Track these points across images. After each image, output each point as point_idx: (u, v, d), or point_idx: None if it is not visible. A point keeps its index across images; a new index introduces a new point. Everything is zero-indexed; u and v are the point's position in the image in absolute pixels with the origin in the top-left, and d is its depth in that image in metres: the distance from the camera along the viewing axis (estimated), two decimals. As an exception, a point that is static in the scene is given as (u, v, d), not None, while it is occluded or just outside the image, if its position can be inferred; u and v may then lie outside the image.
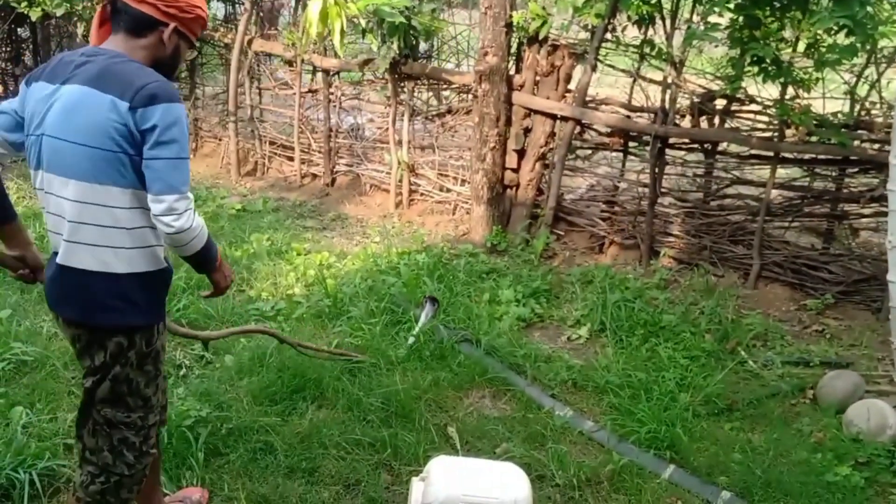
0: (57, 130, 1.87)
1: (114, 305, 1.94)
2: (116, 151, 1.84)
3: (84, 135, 1.84)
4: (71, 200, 1.88)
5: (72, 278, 1.93)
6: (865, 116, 4.68)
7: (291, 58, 6.67)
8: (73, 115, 1.85)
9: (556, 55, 5.48)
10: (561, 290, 4.88)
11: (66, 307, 1.99)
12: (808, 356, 4.12)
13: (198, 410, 2.98)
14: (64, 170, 1.87)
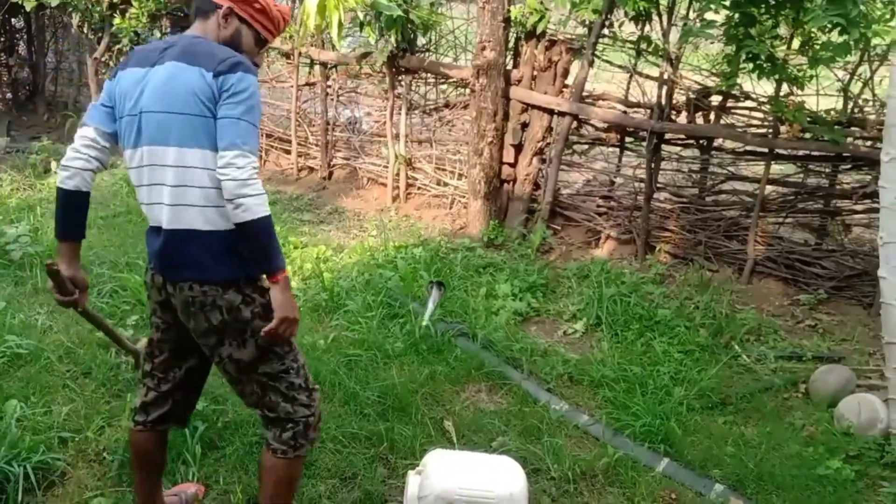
0: (155, 104, 2.01)
1: (225, 260, 2.03)
2: (207, 116, 1.98)
3: (179, 104, 1.98)
4: (172, 167, 1.99)
5: (180, 239, 2.02)
6: (858, 114, 4.72)
7: (289, 50, 6.67)
8: (167, 88, 2.00)
9: (554, 50, 5.50)
10: (557, 285, 4.91)
11: (180, 269, 2.05)
12: (800, 351, 4.17)
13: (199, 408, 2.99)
14: (164, 138, 1.99)
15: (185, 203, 2.00)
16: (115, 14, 6.27)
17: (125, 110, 2.07)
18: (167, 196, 2.01)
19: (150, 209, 2.09)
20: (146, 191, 2.06)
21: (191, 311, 2.08)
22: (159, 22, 7.09)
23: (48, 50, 8.32)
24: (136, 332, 3.77)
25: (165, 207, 2.02)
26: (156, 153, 2.01)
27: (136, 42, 6.51)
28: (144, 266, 2.28)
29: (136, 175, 2.09)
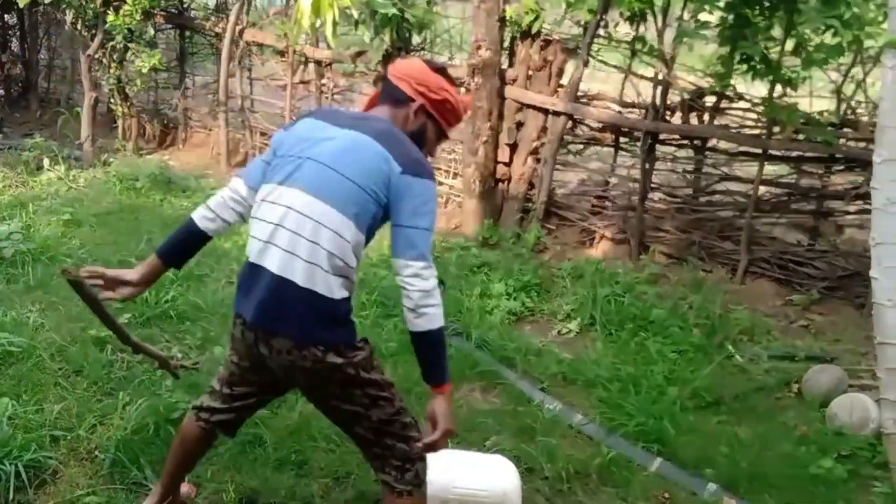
0: (330, 160, 2.00)
1: (329, 326, 1.98)
2: (371, 197, 1.98)
3: (356, 173, 1.98)
4: (316, 221, 1.96)
5: (292, 292, 1.95)
6: (851, 115, 4.74)
7: (283, 48, 6.65)
8: (351, 153, 2.00)
9: (549, 50, 5.50)
10: (552, 284, 4.91)
11: (281, 323, 1.97)
12: (793, 351, 4.19)
13: (186, 403, 2.98)
14: (323, 193, 1.97)
15: (313, 262, 1.94)
16: (109, 11, 6.23)
17: (290, 151, 2.06)
18: (298, 247, 1.95)
19: (258, 244, 2.02)
20: (270, 229, 2.00)
21: (290, 373, 2.04)
22: (153, 19, 7.06)
23: (41, 47, 8.28)
24: (128, 329, 3.72)
25: (287, 255, 1.96)
26: (306, 201, 1.97)
27: (130, 39, 6.49)
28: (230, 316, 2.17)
29: (266, 209, 2.03)
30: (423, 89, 2.13)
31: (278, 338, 1.98)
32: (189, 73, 7.61)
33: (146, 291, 2.41)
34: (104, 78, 6.81)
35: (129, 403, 3.18)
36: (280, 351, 1.99)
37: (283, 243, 1.98)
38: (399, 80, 2.15)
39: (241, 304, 2.08)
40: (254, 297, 2.00)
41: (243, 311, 2.05)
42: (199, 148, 7.43)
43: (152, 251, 2.27)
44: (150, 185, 6.01)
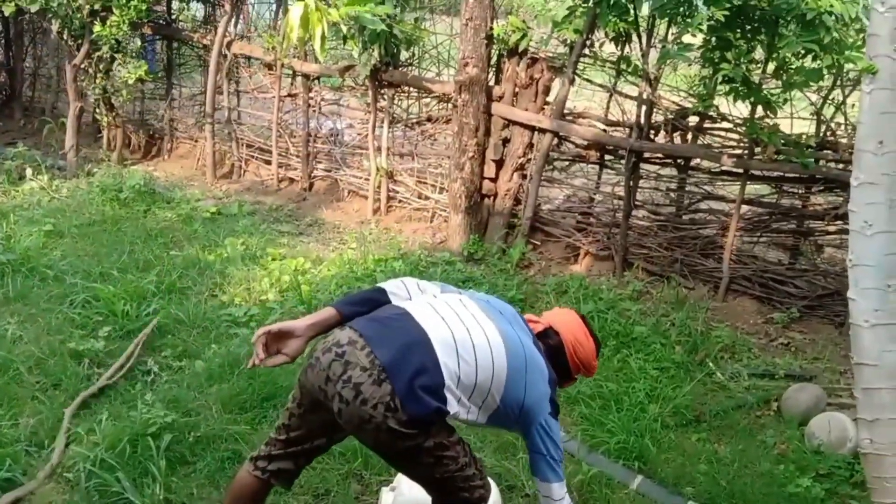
0: (527, 345, 2.18)
1: (423, 401, 1.98)
2: (521, 405, 2.14)
3: (531, 376, 2.14)
4: (485, 335, 2.09)
5: (425, 353, 2.00)
6: (831, 137, 4.82)
7: (271, 61, 6.66)
8: (533, 365, 2.16)
9: (536, 68, 5.55)
10: (536, 300, 4.93)
11: (401, 375, 1.96)
12: (773, 369, 4.23)
13: (162, 417, 2.96)
14: (503, 334, 2.12)
15: (459, 352, 2.03)
16: (96, 21, 6.22)
17: (496, 306, 2.26)
18: (458, 332, 2.05)
19: (428, 312, 2.09)
20: (447, 309, 2.11)
21: (359, 426, 1.99)
22: (140, 30, 7.05)
23: (26, 55, 8.23)
24: (108, 343, 3.73)
25: (448, 331, 2.04)
26: (492, 327, 2.10)
27: (117, 49, 6.47)
28: (323, 343, 2.08)
29: (454, 300, 2.17)
30: (578, 362, 2.35)
31: (379, 387, 1.93)
32: (176, 83, 7.60)
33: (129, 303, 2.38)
34: (90, 88, 6.78)
35: (107, 418, 3.17)
36: (366, 400, 1.93)
37: (456, 333, 2.05)
38: (572, 360, 2.33)
39: (369, 330, 2.03)
40: (389, 335, 2.00)
41: (369, 338, 1.99)
42: (185, 159, 7.41)
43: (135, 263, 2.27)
44: (134, 196, 5.99)
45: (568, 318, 2.41)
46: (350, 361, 1.96)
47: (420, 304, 2.13)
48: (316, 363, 2.02)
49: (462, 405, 2.05)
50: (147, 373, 3.61)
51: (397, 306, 2.13)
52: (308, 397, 2.10)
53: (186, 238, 5.32)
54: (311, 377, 2.04)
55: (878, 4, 2.73)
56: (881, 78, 2.73)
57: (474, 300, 2.21)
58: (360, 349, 1.97)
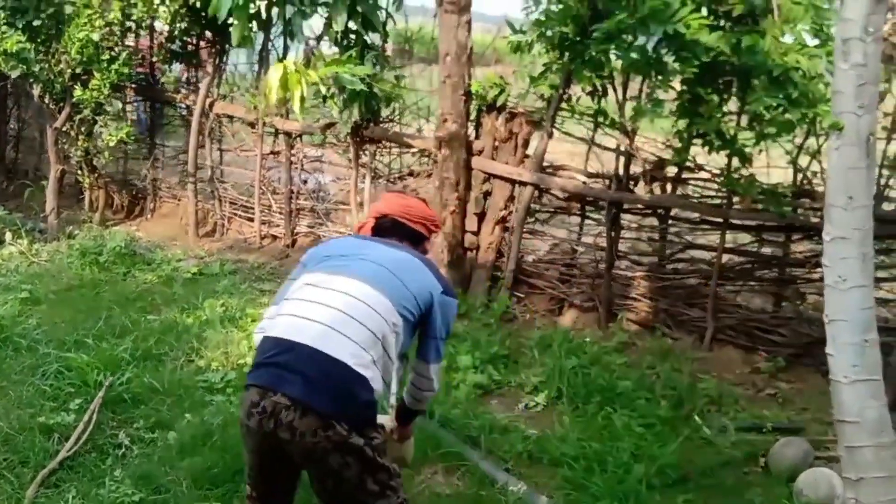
0: (387, 262, 2.28)
1: (352, 402, 2.08)
2: (418, 307, 2.26)
3: (408, 280, 2.26)
4: (366, 304, 2.16)
5: (320, 359, 2.05)
6: (807, 185, 4.84)
7: (253, 120, 6.71)
8: (405, 264, 2.32)
9: (514, 122, 5.59)
10: (520, 355, 4.87)
11: (316, 395, 2.03)
12: (760, 422, 4.15)
13: (130, 496, 2.87)
14: (377, 283, 2.21)
15: (358, 342, 2.10)
16: (77, 85, 6.27)
17: (335, 252, 2.36)
18: (346, 326, 2.10)
19: (303, 324, 2.12)
20: (315, 307, 2.15)
21: (309, 457, 2.07)
22: (123, 92, 7.11)
23: (10, 118, 8.28)
24: (79, 415, 3.64)
25: (331, 331, 2.09)
26: (362, 288, 2.18)
27: (98, 112, 6.50)
28: (242, 412, 2.16)
29: (310, 291, 2.21)
30: (432, 226, 2.57)
31: (308, 416, 2.00)
32: (159, 143, 7.63)
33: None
34: (72, 150, 6.80)
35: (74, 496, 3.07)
36: (304, 433, 2.01)
37: (327, 319, 2.11)
38: (416, 224, 2.51)
39: (264, 379, 2.10)
40: (284, 371, 2.06)
41: (272, 385, 2.06)
42: (168, 218, 7.40)
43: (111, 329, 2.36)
44: (115, 258, 5.94)
45: (386, 199, 2.68)
46: (273, 410, 2.03)
47: (284, 323, 2.16)
48: (248, 431, 2.12)
49: (382, 366, 2.15)
50: (118, 446, 3.51)
51: (270, 341, 2.17)
52: (260, 458, 2.19)
53: (165, 301, 5.25)
54: (254, 442, 2.15)
55: (841, 62, 2.76)
56: (847, 134, 2.76)
57: (353, 274, 2.23)
58: (273, 395, 2.04)
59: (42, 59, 6.18)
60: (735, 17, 3.85)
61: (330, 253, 2.37)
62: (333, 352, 2.06)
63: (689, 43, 3.63)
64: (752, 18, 3.83)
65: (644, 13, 3.68)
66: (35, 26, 6.07)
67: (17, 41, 5.88)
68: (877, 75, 2.79)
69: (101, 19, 6.01)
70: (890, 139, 4.37)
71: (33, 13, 6.04)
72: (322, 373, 2.04)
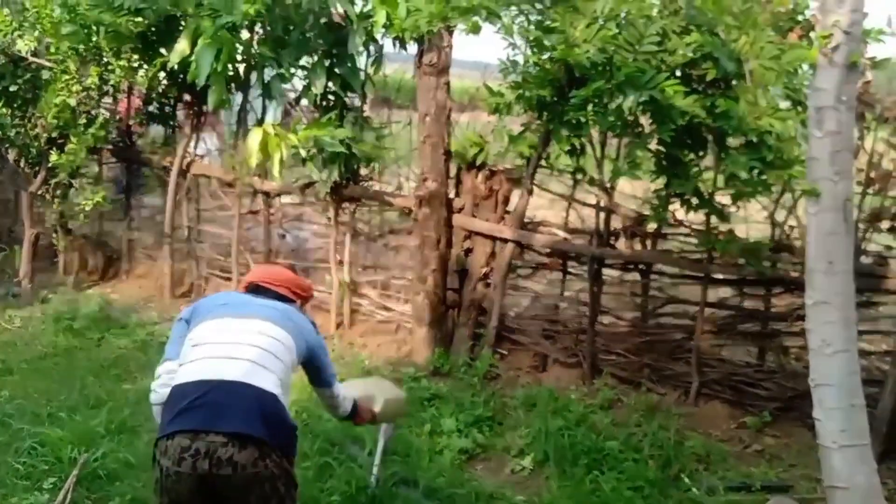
0: (273, 311, 2.53)
1: (283, 428, 2.30)
2: (303, 345, 2.56)
3: (295, 324, 2.55)
4: (275, 339, 2.41)
5: (252, 393, 2.23)
6: (786, 239, 4.90)
7: (231, 181, 6.68)
8: (288, 313, 2.58)
9: (494, 180, 5.63)
10: (504, 416, 4.80)
11: (253, 425, 2.17)
12: (749, 480, 4.12)
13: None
14: (277, 322, 2.46)
15: (275, 372, 2.33)
16: (53, 150, 6.22)
17: (227, 301, 2.62)
18: (263, 358, 2.33)
19: (221, 363, 2.28)
20: (229, 347, 2.33)
21: (250, 488, 2.18)
22: (99, 154, 7.06)
23: (-18, 182, 8.17)
24: (52, 495, 3.50)
25: (252, 364, 2.29)
26: (267, 326, 2.42)
27: (74, 175, 6.45)
28: (168, 461, 2.22)
29: (218, 333, 2.39)
30: (300, 291, 2.80)
31: (247, 448, 2.14)
32: (135, 203, 7.56)
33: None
34: (47, 214, 6.71)
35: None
36: (245, 465, 2.14)
37: (250, 355, 2.30)
38: (279, 287, 2.71)
39: (195, 422, 2.16)
40: (215, 409, 2.17)
41: (204, 426, 2.15)
42: (143, 279, 7.29)
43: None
44: (89, 323, 5.82)
45: (253, 269, 3.05)
46: (208, 450, 2.13)
47: (203, 367, 2.30)
48: (179, 478, 2.16)
49: (288, 396, 2.41)
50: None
51: (189, 385, 2.26)
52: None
53: (140, 368, 5.12)
54: (185, 488, 2.17)
55: (815, 130, 2.83)
56: (824, 200, 2.80)
57: (253, 314, 2.49)
58: (206, 436, 2.14)
59: (18, 124, 6.14)
60: (709, 82, 3.93)
61: (227, 301, 2.61)
62: (262, 384, 2.25)
63: (665, 107, 3.70)
64: (725, 83, 3.91)
65: (620, 80, 3.75)
66: (11, 91, 6.06)
67: (-6, 106, 5.86)
68: (851, 142, 2.87)
69: (79, 84, 5.99)
70: (865, 194, 4.44)
71: (10, 78, 6.04)
72: (256, 403, 2.21)
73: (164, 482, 2.20)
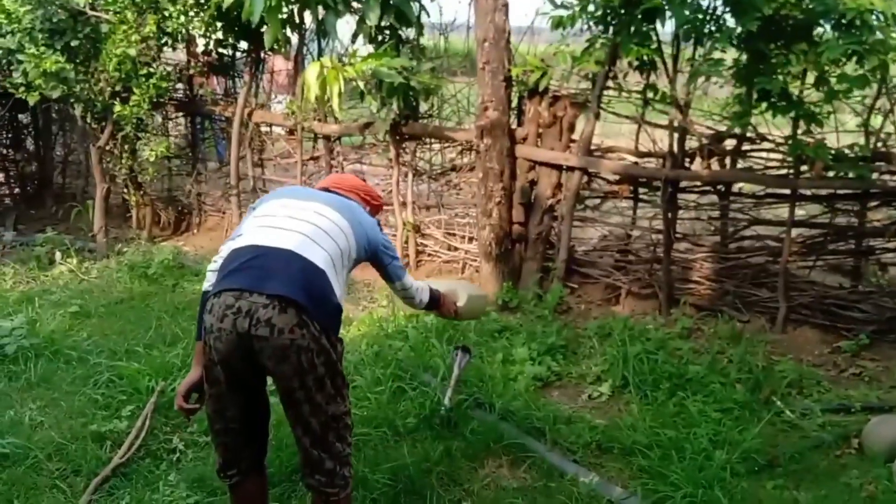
0: (336, 201, 2.54)
1: (326, 303, 2.26)
2: (364, 241, 2.53)
3: (355, 218, 2.52)
4: (331, 221, 2.41)
5: (305, 267, 2.23)
6: (882, 148, 4.50)
7: (292, 126, 6.63)
8: (351, 206, 2.57)
9: (558, 106, 5.38)
10: (578, 346, 4.64)
11: (295, 290, 2.16)
12: (848, 402, 3.85)
13: (185, 499, 2.74)
14: (335, 207, 2.47)
15: (328, 251, 2.33)
16: (116, 102, 6.28)
17: (299, 190, 2.74)
18: (317, 236, 2.33)
19: (279, 233, 2.30)
20: (288, 220, 2.35)
21: (280, 358, 2.16)
22: (163, 109, 7.12)
23: (55, 143, 8.39)
24: (132, 422, 3.55)
25: (307, 239, 2.30)
26: (326, 209, 2.43)
27: (138, 128, 6.51)
28: (213, 317, 2.22)
29: (280, 208, 2.43)
30: (369, 199, 2.79)
31: (286, 313, 2.12)
32: (202, 158, 7.63)
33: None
34: (116, 169, 6.82)
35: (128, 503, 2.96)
36: (282, 329, 2.12)
37: (304, 230, 2.31)
38: (347, 192, 2.70)
39: (241, 281, 2.17)
40: (262, 272, 2.17)
41: (250, 286, 2.15)
42: (214, 231, 7.37)
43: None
44: (163, 271, 5.91)
45: (328, 178, 2.90)
46: (249, 309, 2.13)
47: (261, 234, 2.31)
48: (221, 334, 2.16)
49: (341, 283, 2.35)
50: (172, 451, 3.41)
51: (243, 249, 2.28)
52: (228, 371, 2.23)
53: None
54: (224, 347, 2.18)
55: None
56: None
57: (314, 200, 2.49)
58: (249, 296, 2.14)
59: (81, 79, 6.20)
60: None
61: (291, 190, 2.67)
62: (311, 257, 2.25)
63: (749, -5, 3.35)
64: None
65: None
66: (73, 46, 6.10)
67: (56, 61, 5.90)
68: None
69: (137, 34, 5.99)
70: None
71: (71, 34, 6.07)
72: (301, 273, 2.20)
73: (208, 340, 2.23)
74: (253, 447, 2.46)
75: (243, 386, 2.31)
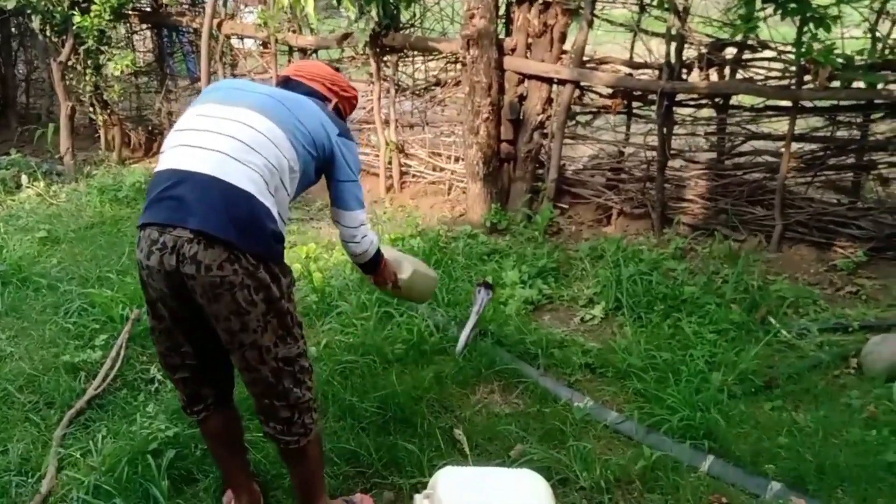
0: (279, 96, 2.16)
1: (258, 232, 1.98)
2: (312, 144, 2.15)
3: (301, 115, 2.13)
4: (260, 133, 2.04)
5: (220, 190, 1.94)
6: (889, 56, 4.27)
7: (264, 38, 6.25)
8: (297, 102, 2.17)
9: (549, 13, 5.05)
10: (569, 268, 4.50)
11: (218, 224, 1.92)
12: (846, 321, 3.76)
13: (164, 431, 2.62)
14: (269, 113, 2.08)
15: (255, 169, 2.00)
16: (76, 12, 5.84)
17: (229, 86, 2.25)
18: (241, 152, 2.00)
19: (196, 152, 1.99)
20: (206, 136, 2.02)
21: (214, 296, 1.95)
22: (126, 20, 6.67)
23: (16, 60, 7.91)
24: (105, 352, 3.39)
25: (227, 158, 1.98)
26: (255, 117, 2.05)
27: (100, 41, 6.09)
28: (141, 253, 2.03)
29: (200, 120, 2.07)
30: (336, 89, 2.39)
31: (213, 248, 1.91)
32: (171, 74, 7.22)
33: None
34: (80, 87, 6.43)
35: (104, 435, 2.83)
36: (209, 266, 1.92)
37: (223, 147, 1.99)
38: (311, 81, 2.35)
39: (161, 215, 1.95)
40: (182, 203, 1.93)
41: (170, 220, 1.93)
42: (187, 152, 7.06)
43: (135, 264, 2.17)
44: (134, 194, 5.65)
45: (292, 65, 2.51)
46: (175, 244, 1.93)
47: (178, 154, 2.02)
48: (150, 271, 1.99)
49: (279, 203, 2.07)
50: (149, 381, 3.28)
51: (163, 173, 2.02)
52: (165, 305, 2.06)
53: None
54: (157, 285, 2.01)
55: None
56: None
57: (245, 104, 2.11)
58: (173, 230, 1.93)
59: (38, -12, 5.77)
60: None
61: (222, 87, 2.26)
62: (234, 180, 1.96)
63: None
64: None
65: None
66: (28, -49, 5.65)
67: (8, -32, 5.47)
68: None
69: (95, -65, 5.53)
70: None
71: (24, -63, 5.61)
72: (223, 202, 1.93)
73: (142, 276, 2.06)
74: (216, 382, 2.27)
75: (192, 321, 2.09)
